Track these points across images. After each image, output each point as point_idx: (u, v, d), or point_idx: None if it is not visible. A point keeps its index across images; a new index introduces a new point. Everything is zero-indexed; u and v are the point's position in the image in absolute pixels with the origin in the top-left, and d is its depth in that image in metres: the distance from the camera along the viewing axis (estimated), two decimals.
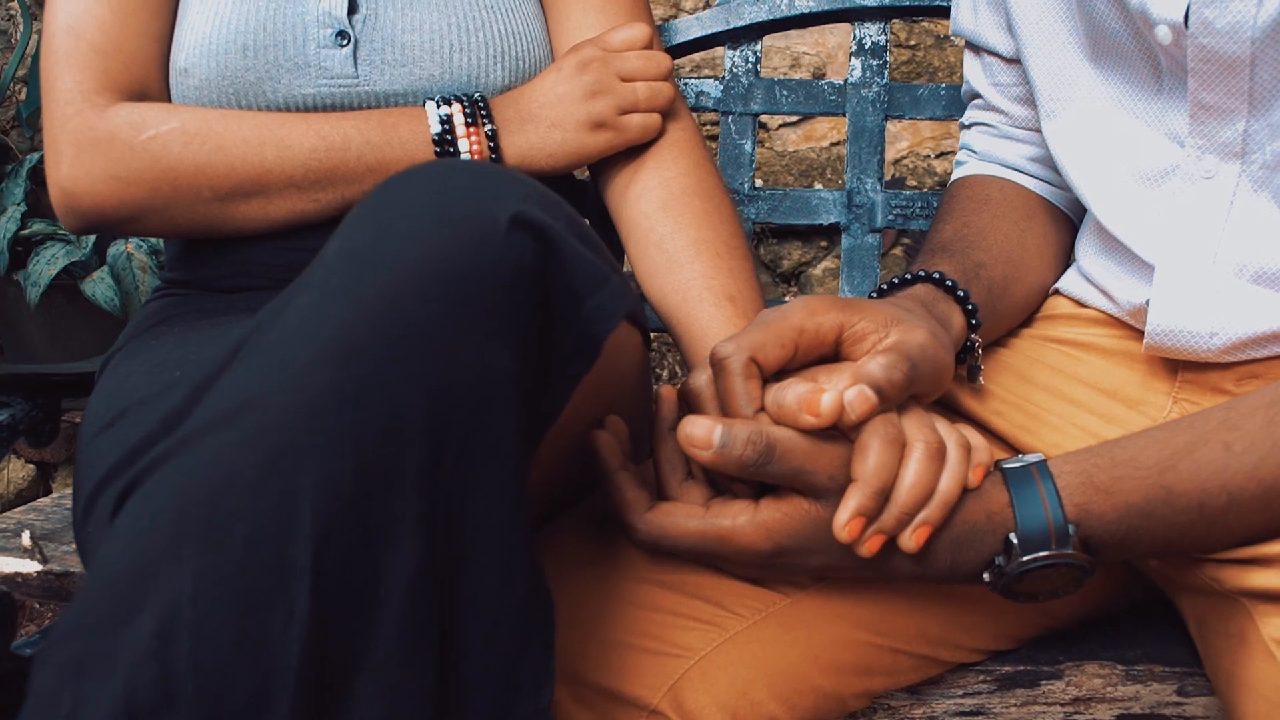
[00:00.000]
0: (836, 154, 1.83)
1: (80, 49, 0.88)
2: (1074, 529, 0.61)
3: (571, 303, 0.54)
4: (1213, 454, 0.61)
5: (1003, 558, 0.62)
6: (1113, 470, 0.62)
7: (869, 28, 1.14)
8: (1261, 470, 0.60)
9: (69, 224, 0.88)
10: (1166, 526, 0.62)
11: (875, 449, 0.60)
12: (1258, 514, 0.61)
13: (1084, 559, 0.61)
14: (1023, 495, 0.62)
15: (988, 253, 0.83)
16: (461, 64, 0.92)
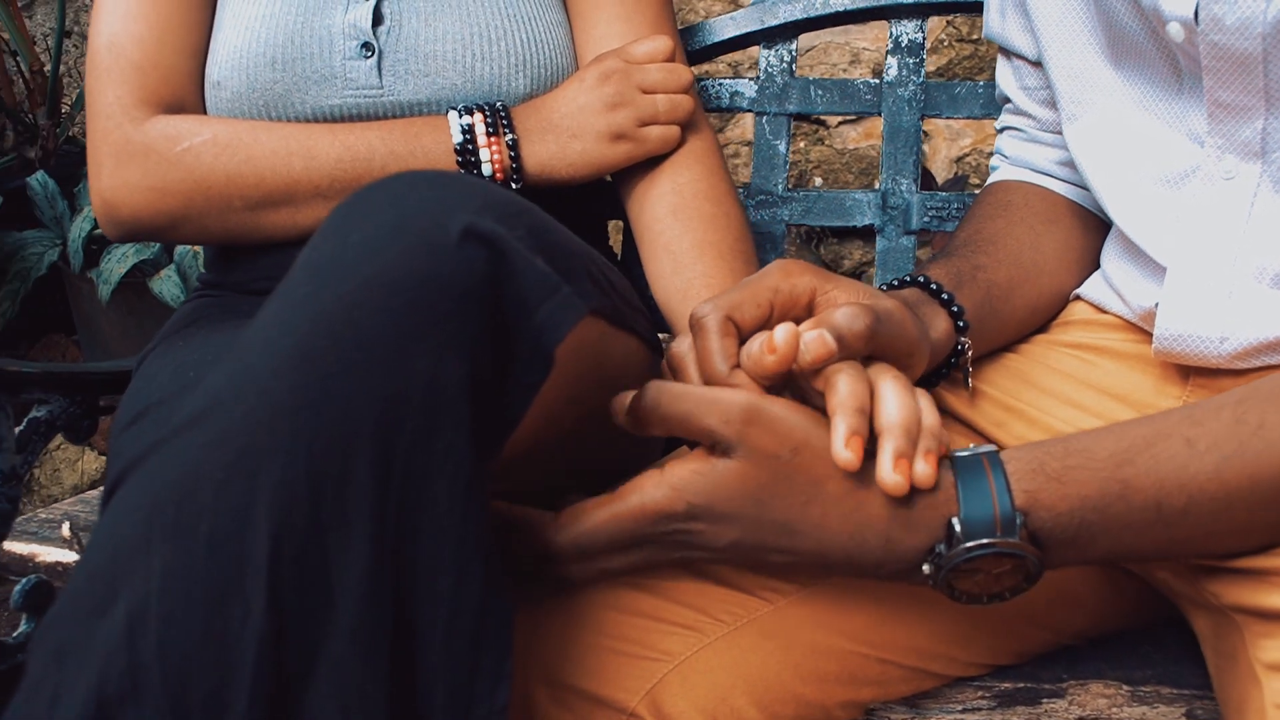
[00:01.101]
0: None
1: (120, 65, 0.92)
2: (1022, 518, 0.57)
3: (523, 313, 0.56)
4: (1173, 450, 0.58)
5: (944, 545, 0.58)
6: (1066, 459, 0.59)
7: (905, 25, 1.13)
8: (1225, 471, 0.57)
9: (109, 232, 0.93)
10: (1121, 525, 0.58)
11: (843, 379, 0.59)
12: (1219, 518, 0.58)
13: (1032, 552, 0.58)
14: (969, 479, 0.59)
15: (992, 256, 0.81)
16: (484, 73, 0.94)
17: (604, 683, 0.67)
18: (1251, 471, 0.56)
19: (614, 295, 0.71)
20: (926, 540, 0.59)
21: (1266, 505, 0.57)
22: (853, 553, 0.59)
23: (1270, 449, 0.56)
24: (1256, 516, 0.57)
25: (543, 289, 0.56)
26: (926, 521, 0.58)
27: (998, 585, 0.59)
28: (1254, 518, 0.57)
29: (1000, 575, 0.59)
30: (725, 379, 0.63)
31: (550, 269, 0.57)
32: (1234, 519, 0.58)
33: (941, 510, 0.58)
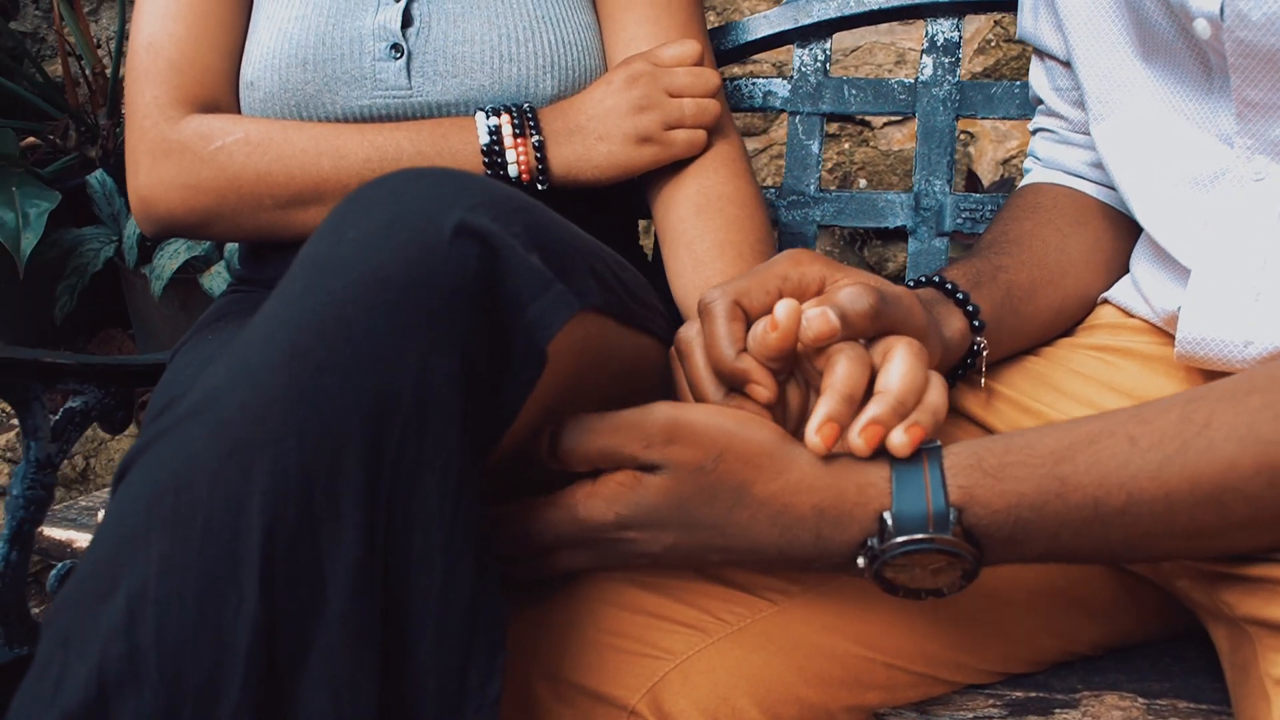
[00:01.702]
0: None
1: (158, 65, 0.94)
2: (956, 514, 0.56)
3: (516, 310, 0.56)
4: (1116, 448, 0.56)
5: (876, 539, 0.57)
6: (1004, 456, 0.57)
7: (941, 24, 1.11)
8: (1165, 471, 0.55)
9: (145, 229, 0.95)
10: (1059, 524, 0.56)
11: (842, 360, 0.59)
12: (1160, 521, 0.55)
13: (966, 549, 0.56)
14: (904, 472, 0.57)
15: (1015, 257, 0.81)
16: (511, 74, 0.94)
17: (605, 679, 0.67)
18: (1193, 471, 0.54)
19: (622, 292, 0.71)
20: (858, 534, 0.58)
21: (1207, 507, 0.55)
22: (785, 550, 0.59)
23: (1213, 448, 0.54)
24: (1199, 519, 0.55)
25: (535, 286, 0.56)
26: (858, 516, 0.58)
27: (934, 581, 0.58)
28: (1196, 520, 0.55)
29: (936, 571, 0.57)
30: (731, 363, 0.63)
31: (545, 266, 0.57)
32: (1174, 520, 0.55)
33: (873, 504, 0.57)
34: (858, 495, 0.58)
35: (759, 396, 0.63)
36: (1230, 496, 0.54)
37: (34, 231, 1.62)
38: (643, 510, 0.59)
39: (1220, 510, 0.54)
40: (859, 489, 0.58)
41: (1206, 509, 0.55)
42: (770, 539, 0.59)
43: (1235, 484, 0.54)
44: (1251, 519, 0.54)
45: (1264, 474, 0.53)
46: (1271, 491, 0.53)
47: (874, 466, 0.58)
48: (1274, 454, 0.53)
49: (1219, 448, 0.54)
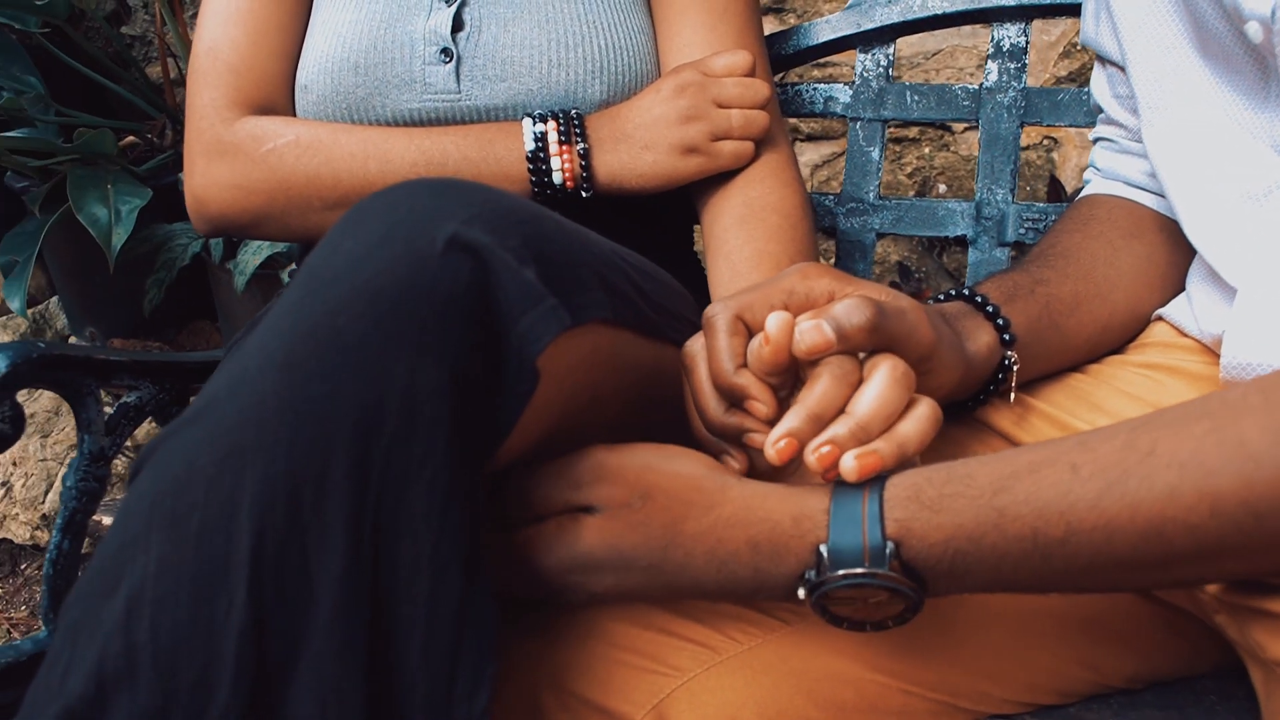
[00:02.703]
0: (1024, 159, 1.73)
1: (217, 68, 0.96)
2: (893, 548, 0.54)
3: (507, 323, 0.56)
4: (1056, 476, 0.53)
5: (813, 572, 0.55)
6: (944, 487, 0.54)
7: (1008, 29, 1.08)
8: (1105, 500, 0.51)
9: (199, 227, 0.97)
10: (998, 556, 0.53)
11: (823, 377, 0.58)
12: (1101, 552, 0.52)
13: (904, 584, 0.54)
14: (842, 505, 0.55)
15: (1059, 270, 0.78)
16: (560, 79, 0.94)
17: (611, 694, 0.67)
18: (1133, 500, 0.51)
19: (642, 302, 0.71)
20: (796, 567, 0.56)
21: (1148, 538, 0.51)
22: (725, 585, 0.57)
23: (1154, 477, 0.51)
24: (1141, 550, 0.51)
25: (525, 300, 0.56)
26: (795, 549, 0.56)
27: (878, 613, 0.56)
28: (1139, 552, 0.51)
29: (878, 604, 0.56)
30: (731, 377, 0.62)
31: (541, 279, 0.57)
32: (1116, 552, 0.52)
33: (809, 538, 0.56)
34: (793, 528, 0.56)
35: (757, 412, 0.62)
36: (1172, 528, 0.50)
37: (125, 227, 1.68)
38: (578, 553, 0.59)
39: (1162, 542, 0.51)
40: (794, 521, 0.56)
41: (1148, 540, 0.51)
42: (708, 575, 0.57)
43: (1176, 514, 0.50)
44: (1195, 551, 0.51)
45: (1205, 504, 0.50)
46: (1214, 523, 0.49)
47: (812, 497, 0.57)
48: (1217, 484, 0.49)
49: (1160, 476, 0.50)
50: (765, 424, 0.62)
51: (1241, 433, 0.49)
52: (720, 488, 0.58)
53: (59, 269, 2.03)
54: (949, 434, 0.76)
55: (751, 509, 0.57)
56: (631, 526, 0.58)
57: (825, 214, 1.14)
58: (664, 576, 0.58)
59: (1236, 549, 0.49)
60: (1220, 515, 0.49)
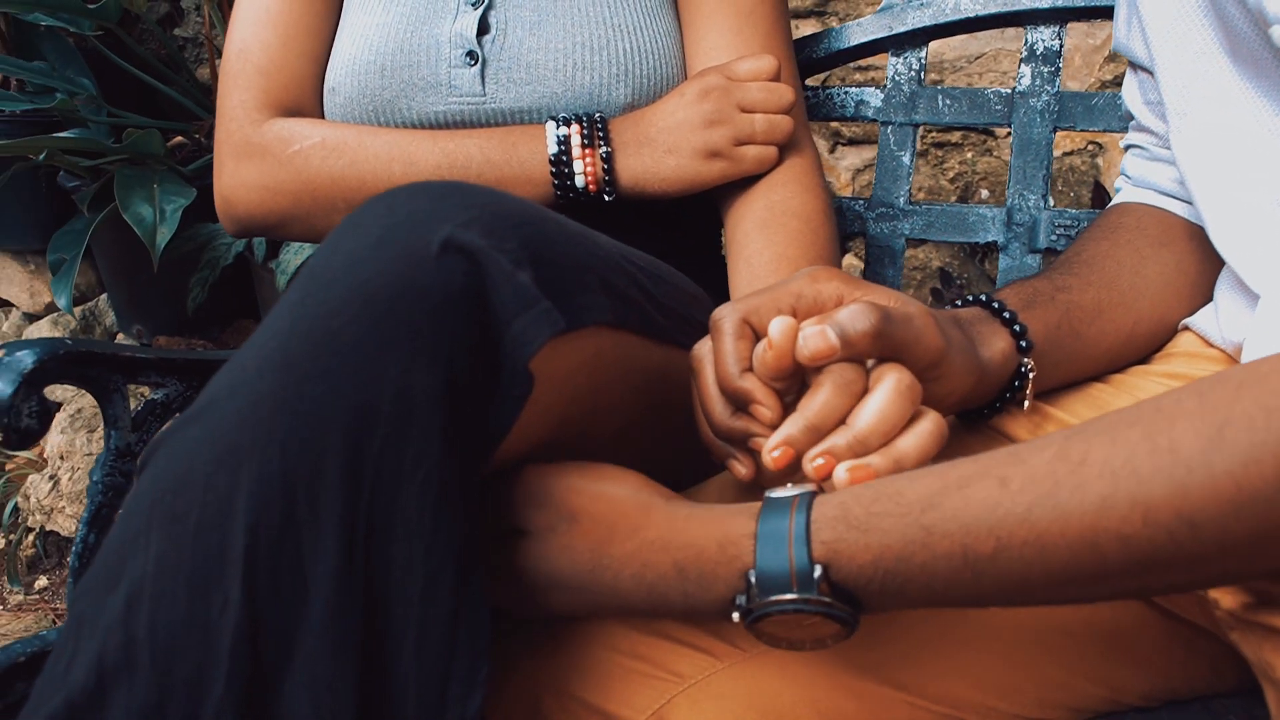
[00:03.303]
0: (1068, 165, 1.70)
1: (246, 70, 0.97)
2: (821, 572, 0.52)
3: (501, 326, 0.56)
4: (986, 491, 0.50)
5: (743, 597, 0.54)
6: (872, 505, 0.53)
7: (1042, 32, 1.06)
8: (1036, 513, 0.49)
9: (228, 228, 0.99)
10: (929, 575, 0.51)
11: (825, 388, 0.58)
12: (1034, 567, 0.49)
13: (838, 607, 0.53)
14: (769, 528, 0.54)
15: (1082, 278, 0.76)
16: (584, 82, 0.94)
17: (612, 698, 0.66)
18: (1064, 512, 0.48)
19: (650, 306, 0.70)
20: (725, 593, 0.55)
21: (1080, 551, 0.48)
22: (656, 607, 0.57)
23: (1085, 486, 0.48)
24: (1074, 564, 0.49)
25: (519, 303, 0.56)
26: (723, 575, 0.55)
27: (814, 633, 0.55)
28: (1072, 566, 0.49)
29: (812, 625, 0.54)
30: (735, 381, 0.62)
31: (536, 282, 0.56)
32: (1049, 567, 0.49)
33: (736, 563, 0.55)
34: (719, 554, 0.55)
35: (761, 416, 0.61)
36: (1105, 540, 0.48)
37: (169, 226, 1.71)
38: (520, 574, 0.59)
39: (1096, 554, 0.48)
40: (720, 547, 0.55)
41: (1081, 554, 0.48)
42: (638, 598, 0.57)
43: (1109, 525, 0.47)
44: (1130, 564, 0.48)
45: (1138, 513, 0.47)
46: (1147, 533, 0.47)
47: (737, 521, 0.55)
48: (1149, 493, 0.47)
49: (1091, 485, 0.48)
50: (770, 428, 0.61)
51: (1174, 438, 0.47)
52: (645, 510, 0.57)
53: (108, 267, 2.07)
54: (963, 442, 0.75)
55: (676, 532, 0.56)
56: (558, 550, 0.58)
57: (855, 219, 1.13)
58: (596, 598, 0.58)
59: (1173, 560, 0.47)
60: (1154, 525, 0.47)
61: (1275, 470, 0.44)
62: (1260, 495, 0.44)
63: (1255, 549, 0.46)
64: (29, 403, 0.85)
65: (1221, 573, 0.49)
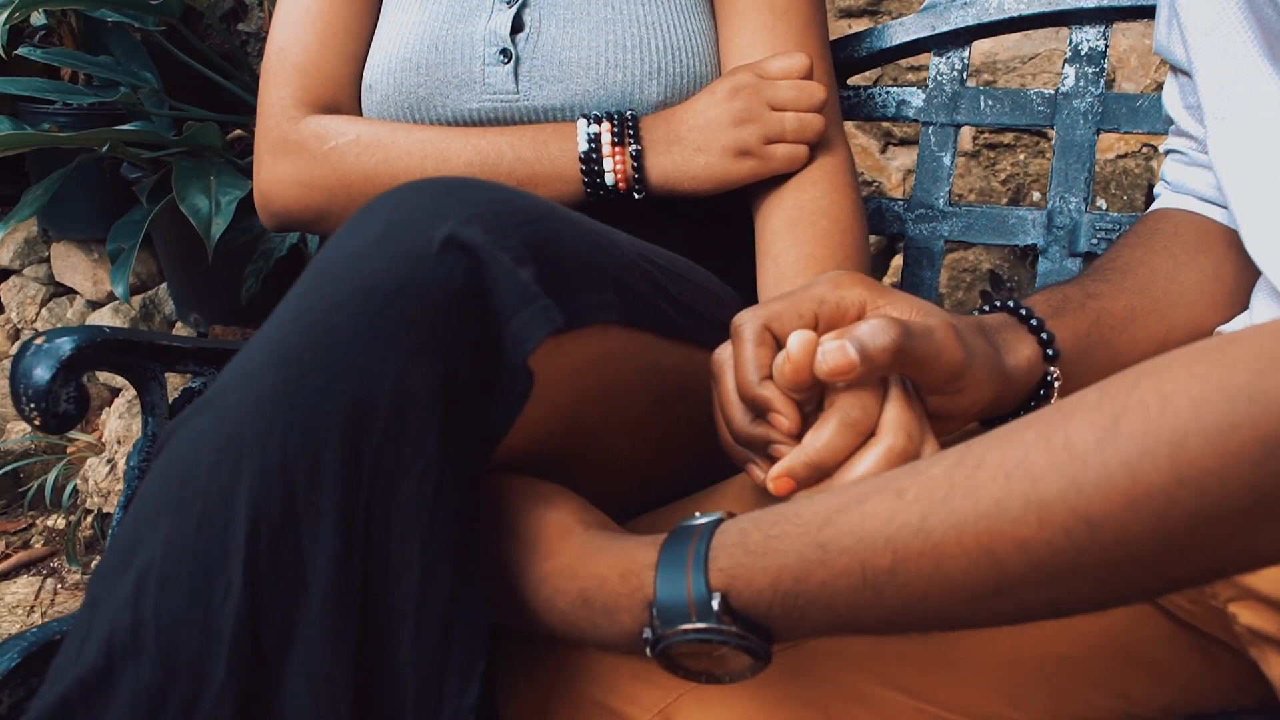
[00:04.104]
0: (1121, 168, 1.67)
1: (286, 68, 0.99)
2: (720, 600, 0.51)
3: (500, 323, 0.56)
4: (882, 504, 0.48)
5: (649, 629, 0.53)
6: (771, 528, 0.51)
7: (1086, 32, 1.04)
8: (930, 522, 0.46)
9: (266, 223, 1.00)
10: (830, 594, 0.49)
11: (831, 426, 0.58)
12: (933, 582, 0.47)
13: (739, 636, 0.51)
14: (670, 559, 0.52)
15: (1115, 284, 0.75)
16: (616, 80, 0.94)
17: (619, 695, 0.66)
18: (959, 518, 0.46)
19: (669, 306, 0.70)
20: (632, 625, 0.54)
21: (978, 560, 0.46)
22: (572, 636, 0.57)
23: (978, 490, 0.46)
24: (974, 575, 0.46)
25: (518, 299, 0.56)
26: (626, 606, 0.54)
27: (728, 665, 0.53)
28: (972, 578, 0.46)
29: (722, 657, 0.53)
30: (755, 389, 0.61)
31: (539, 280, 0.57)
32: (949, 580, 0.47)
33: (638, 595, 0.54)
34: (621, 584, 0.55)
35: (779, 425, 0.61)
36: (1001, 545, 0.45)
37: (224, 217, 1.74)
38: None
39: (993, 563, 0.46)
40: (622, 577, 0.55)
41: (978, 563, 0.46)
42: (555, 624, 0.57)
43: (1004, 529, 0.45)
44: (1031, 572, 0.45)
45: (1032, 513, 0.44)
46: (1044, 534, 0.44)
47: (641, 552, 0.55)
48: (1043, 491, 0.44)
49: (985, 488, 0.46)
50: (789, 438, 0.61)
51: (1069, 434, 0.44)
52: (562, 535, 0.57)
53: (167, 257, 2.12)
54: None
55: (584, 561, 0.56)
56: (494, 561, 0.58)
57: (894, 220, 1.12)
58: (521, 619, 0.58)
59: (1078, 567, 0.44)
60: (1049, 525, 0.44)
61: (1170, 460, 0.42)
62: (1156, 488, 0.42)
63: (1162, 554, 0.43)
64: (67, 388, 0.87)
65: (1134, 584, 0.45)
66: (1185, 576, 0.45)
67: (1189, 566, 0.44)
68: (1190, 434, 0.41)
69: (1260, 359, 0.41)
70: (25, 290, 2.34)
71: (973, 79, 1.72)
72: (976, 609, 0.48)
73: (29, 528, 2.17)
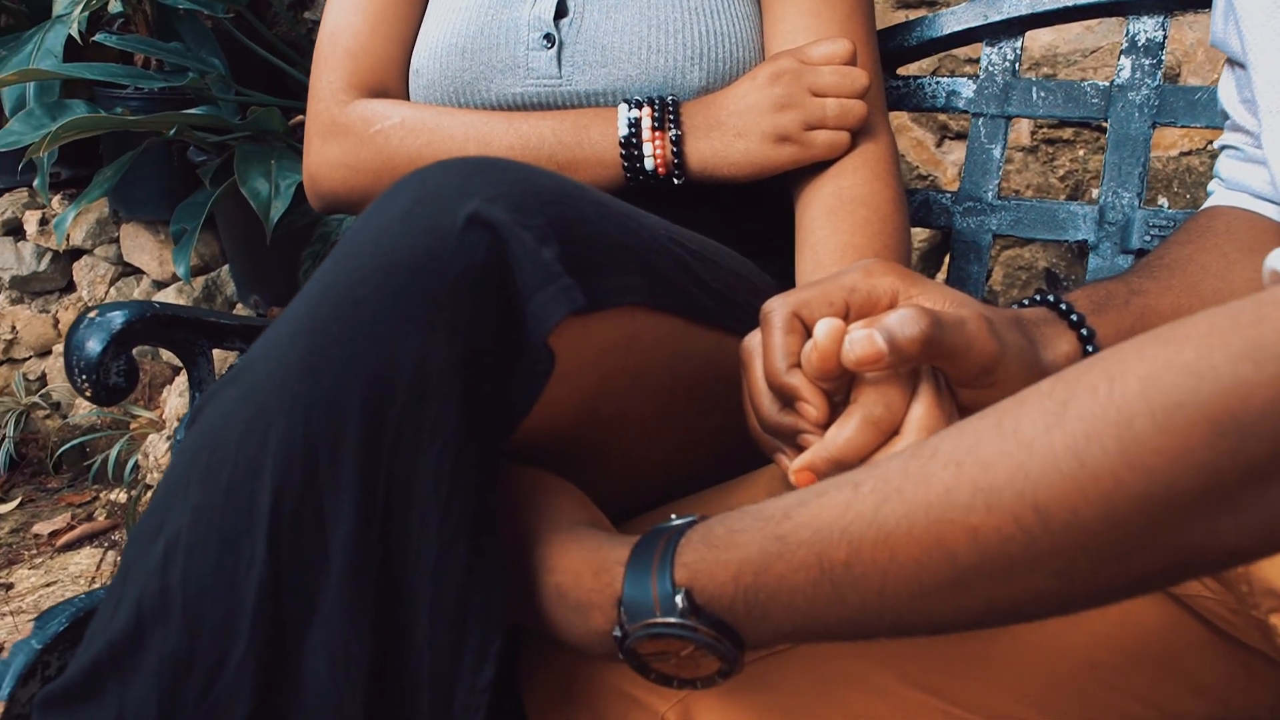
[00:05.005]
0: (1184, 165, 1.62)
1: (336, 53, 1.00)
2: (685, 595, 0.50)
3: (521, 302, 0.56)
4: (839, 496, 0.48)
5: (619, 627, 0.53)
6: (734, 523, 0.51)
7: (1144, 22, 1.02)
8: (883, 512, 0.46)
9: (314, 204, 1.02)
10: (789, 588, 0.48)
11: (854, 422, 0.57)
12: (887, 575, 0.46)
13: (704, 632, 0.50)
14: (641, 557, 0.52)
15: (1162, 282, 0.73)
16: (658, 65, 0.94)
17: (638, 683, 0.66)
18: (910, 507, 0.45)
19: (698, 290, 0.70)
20: (604, 624, 0.54)
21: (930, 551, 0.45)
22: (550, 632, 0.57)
23: (929, 478, 0.45)
24: (927, 567, 0.45)
25: (538, 279, 0.56)
26: (598, 603, 0.54)
27: (696, 669, 0.52)
28: (925, 569, 0.45)
29: (690, 659, 0.52)
30: (783, 377, 0.61)
31: (561, 260, 0.57)
32: (903, 572, 0.46)
33: (608, 592, 0.54)
34: (593, 581, 0.55)
35: (807, 415, 0.61)
36: (951, 534, 0.44)
37: (283, 201, 1.77)
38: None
39: (945, 553, 0.44)
40: (594, 574, 0.55)
41: (931, 551, 0.45)
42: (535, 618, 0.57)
43: (954, 517, 0.44)
44: (984, 562, 0.44)
45: (980, 500, 0.43)
46: (992, 520, 0.43)
47: (614, 550, 0.55)
48: (992, 477, 0.43)
49: (936, 477, 0.45)
50: (817, 427, 0.61)
51: (1020, 420, 0.43)
52: (549, 529, 0.57)
53: (230, 239, 2.16)
54: None
55: (560, 555, 0.56)
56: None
57: (941, 213, 1.10)
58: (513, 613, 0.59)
59: (1032, 559, 0.43)
60: (996, 511, 0.43)
61: (1116, 442, 0.40)
62: (1104, 470, 0.40)
63: (1117, 542, 0.42)
64: (117, 361, 0.89)
65: (1097, 579, 0.44)
66: (1150, 571, 0.43)
67: (1151, 559, 0.42)
68: (1137, 414, 0.40)
69: (1211, 335, 0.39)
70: (95, 270, 2.40)
71: (1033, 72, 1.69)
72: (936, 605, 0.47)
73: (93, 500, 2.23)
